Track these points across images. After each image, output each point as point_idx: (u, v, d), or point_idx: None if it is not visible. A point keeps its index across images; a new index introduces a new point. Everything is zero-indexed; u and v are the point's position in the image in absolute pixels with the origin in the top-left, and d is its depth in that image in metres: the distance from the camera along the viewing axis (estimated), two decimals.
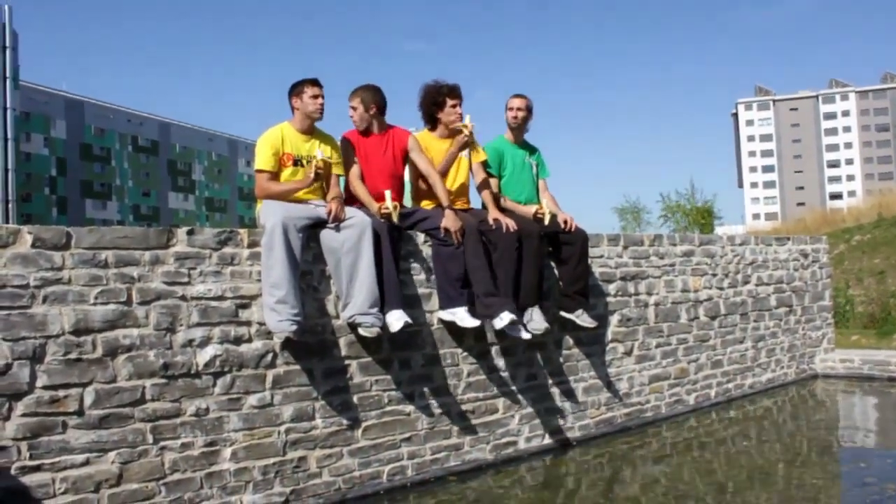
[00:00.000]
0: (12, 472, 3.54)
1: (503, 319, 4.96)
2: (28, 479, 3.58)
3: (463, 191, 5.59)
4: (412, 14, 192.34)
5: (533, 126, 5.96)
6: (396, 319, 4.63)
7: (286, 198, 4.64)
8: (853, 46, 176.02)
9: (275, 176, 4.70)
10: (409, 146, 5.25)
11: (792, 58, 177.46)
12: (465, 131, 5.33)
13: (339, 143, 5.06)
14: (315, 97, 4.76)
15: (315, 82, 4.80)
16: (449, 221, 4.98)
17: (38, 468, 3.61)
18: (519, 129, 5.91)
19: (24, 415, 3.59)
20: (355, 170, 5.05)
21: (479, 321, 4.98)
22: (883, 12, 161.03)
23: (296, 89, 4.79)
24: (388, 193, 4.82)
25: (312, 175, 4.62)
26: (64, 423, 3.69)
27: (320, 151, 4.72)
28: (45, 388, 3.65)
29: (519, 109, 5.84)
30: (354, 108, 5.11)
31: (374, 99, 5.11)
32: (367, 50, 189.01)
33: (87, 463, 3.74)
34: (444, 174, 5.37)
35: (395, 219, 4.79)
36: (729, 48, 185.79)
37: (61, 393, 3.69)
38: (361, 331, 4.57)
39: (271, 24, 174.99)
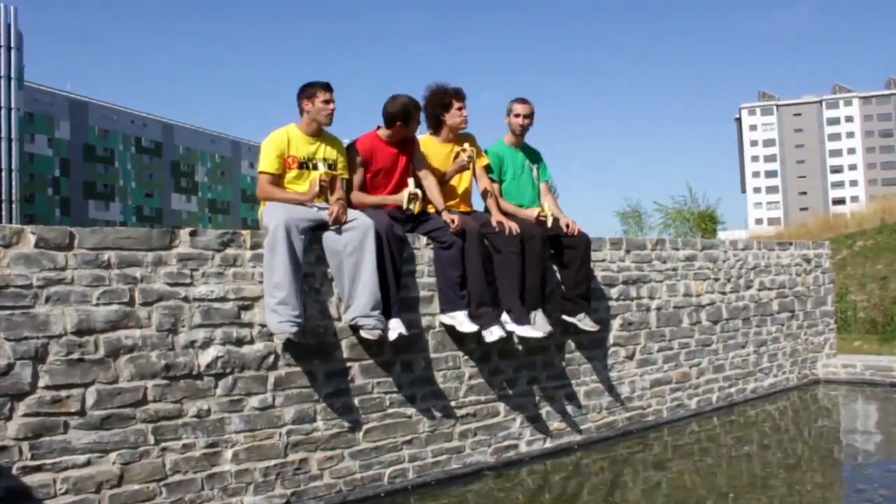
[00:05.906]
0: (14, 472, 3.55)
1: (493, 334, 5.01)
2: (29, 480, 3.59)
3: (466, 195, 5.60)
4: (419, 16, 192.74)
5: (536, 129, 5.99)
6: (393, 329, 4.66)
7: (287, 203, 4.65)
8: (857, 52, 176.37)
9: (278, 178, 4.71)
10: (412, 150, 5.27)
11: (795, 63, 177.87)
12: (464, 155, 5.33)
13: (345, 146, 5.07)
14: (327, 102, 4.75)
15: (327, 87, 4.77)
16: (448, 218, 5.06)
17: (39, 468, 3.62)
18: (522, 134, 5.91)
19: (25, 415, 3.60)
20: (356, 181, 5.05)
21: (478, 326, 4.99)
22: (887, 18, 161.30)
23: (307, 92, 4.76)
24: (411, 181, 4.98)
25: (317, 189, 4.63)
26: (65, 424, 3.70)
27: (323, 165, 4.75)
28: (46, 388, 3.66)
29: (525, 117, 5.80)
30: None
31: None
32: (373, 51, 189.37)
33: (88, 463, 3.74)
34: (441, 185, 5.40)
35: (416, 208, 4.91)
36: (733, 53, 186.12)
37: (63, 393, 3.70)
38: (363, 333, 4.57)
39: (277, 25, 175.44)
